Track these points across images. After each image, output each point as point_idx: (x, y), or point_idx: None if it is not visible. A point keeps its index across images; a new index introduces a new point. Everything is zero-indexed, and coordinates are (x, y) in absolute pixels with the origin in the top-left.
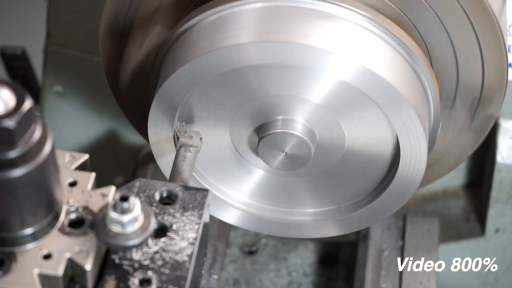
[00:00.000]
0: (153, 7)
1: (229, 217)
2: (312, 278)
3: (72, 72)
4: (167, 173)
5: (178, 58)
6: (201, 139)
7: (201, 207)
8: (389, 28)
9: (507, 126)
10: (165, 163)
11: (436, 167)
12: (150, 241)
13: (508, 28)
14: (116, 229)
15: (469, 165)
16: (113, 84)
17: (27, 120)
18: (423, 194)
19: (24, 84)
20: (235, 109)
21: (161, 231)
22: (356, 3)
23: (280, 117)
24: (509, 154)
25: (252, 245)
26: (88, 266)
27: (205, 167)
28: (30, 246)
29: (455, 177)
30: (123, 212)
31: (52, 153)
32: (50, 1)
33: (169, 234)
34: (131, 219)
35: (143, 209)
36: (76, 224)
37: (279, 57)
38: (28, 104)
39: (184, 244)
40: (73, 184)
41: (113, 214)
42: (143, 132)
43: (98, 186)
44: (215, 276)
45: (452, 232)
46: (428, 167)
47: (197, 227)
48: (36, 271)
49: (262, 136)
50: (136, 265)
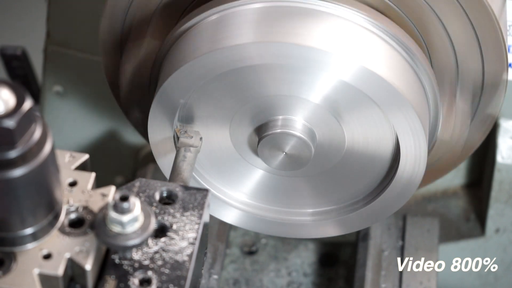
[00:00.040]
0: (146, 20)
1: (229, 217)
2: (312, 278)
3: (72, 72)
4: (167, 173)
5: (178, 58)
6: (201, 139)
7: (201, 207)
8: (389, 28)
9: (507, 126)
10: (165, 163)
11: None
12: (150, 241)
13: (508, 28)
14: (116, 229)
15: (469, 165)
16: (114, 84)
17: (27, 120)
18: (423, 194)
19: (24, 84)
20: (235, 109)
21: (161, 231)
22: (356, 3)
23: (280, 117)
24: (509, 154)
25: (252, 245)
26: (88, 266)
27: (205, 167)
28: (30, 246)
29: (455, 177)
30: (123, 212)
31: (52, 153)
32: (50, 1)
33: (169, 234)
34: (131, 219)
35: (143, 209)
36: (76, 224)
37: (279, 57)
38: (28, 104)
39: (184, 244)
40: (73, 184)
41: (113, 214)
42: (143, 132)
43: (98, 186)
44: (215, 276)
45: (452, 232)
46: (437, 159)
47: (197, 227)
48: (36, 271)
49: (262, 136)
50: (136, 265)
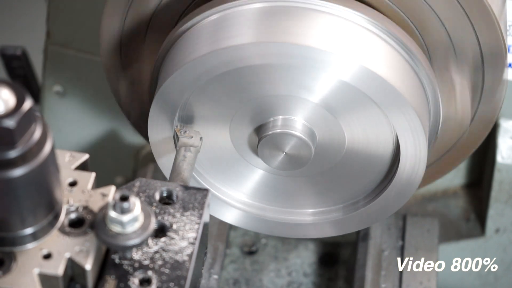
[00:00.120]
0: (146, 20)
1: (229, 217)
2: (312, 278)
3: (72, 72)
4: (167, 173)
5: (178, 58)
6: (201, 139)
7: (201, 207)
8: (389, 28)
9: (507, 126)
10: (165, 163)
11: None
12: (150, 241)
13: (508, 28)
14: (116, 229)
15: (469, 165)
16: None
17: (27, 120)
18: (423, 194)
19: (24, 84)
20: (235, 109)
21: (161, 231)
22: (356, 3)
23: (280, 117)
24: (509, 154)
25: (252, 245)
26: (88, 266)
27: (205, 167)
28: (30, 246)
29: (455, 177)
30: (123, 212)
31: (52, 153)
32: (50, 1)
33: (169, 234)
34: (131, 219)
35: (143, 209)
36: (76, 224)
37: (279, 57)
38: (28, 104)
39: (184, 244)
40: (73, 184)
41: (113, 214)
42: (143, 132)
43: (98, 186)
44: (215, 276)
45: (452, 232)
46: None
47: (197, 227)
48: (36, 271)
49: (262, 136)
50: (136, 265)
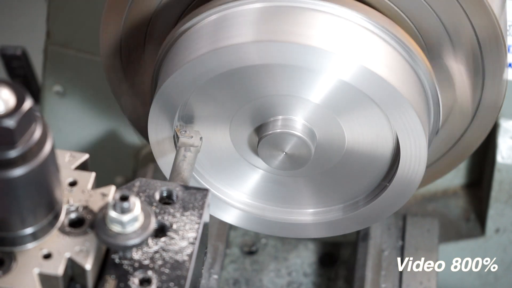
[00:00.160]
0: (146, 20)
1: (229, 217)
2: (312, 278)
3: (72, 72)
4: (167, 173)
5: (178, 58)
6: (201, 138)
7: (201, 206)
8: (389, 28)
9: (507, 126)
10: (165, 163)
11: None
12: (150, 241)
13: (508, 28)
14: (116, 228)
15: (469, 165)
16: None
17: (27, 120)
18: (423, 194)
19: (24, 84)
20: (235, 109)
21: (161, 231)
22: (356, 3)
23: (280, 117)
24: (509, 154)
25: (252, 245)
26: (88, 265)
27: (205, 167)
28: (30, 245)
29: (455, 177)
30: (123, 211)
31: (52, 153)
32: (50, 1)
33: (169, 233)
34: (131, 219)
35: (143, 209)
36: (76, 224)
37: (279, 57)
38: (28, 103)
39: (184, 243)
40: (73, 184)
41: (113, 214)
42: (143, 133)
43: (98, 186)
44: (215, 276)
45: (452, 232)
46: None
47: (197, 226)
48: (36, 270)
49: (262, 136)
50: (136, 264)
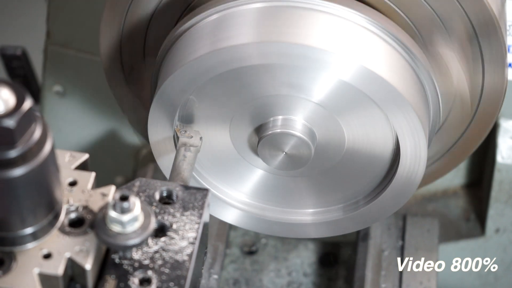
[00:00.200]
0: (146, 20)
1: (229, 217)
2: (312, 278)
3: (72, 72)
4: (167, 173)
5: (178, 58)
6: (201, 138)
7: (201, 206)
8: (389, 28)
9: (507, 126)
10: (165, 163)
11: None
12: (150, 241)
13: (508, 28)
14: (116, 228)
15: (469, 165)
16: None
17: (27, 120)
18: (423, 194)
19: (24, 84)
20: (235, 109)
21: (161, 231)
22: (356, 3)
23: (280, 117)
24: (509, 154)
25: (252, 245)
26: (88, 265)
27: (205, 167)
28: (30, 245)
29: (455, 177)
30: (123, 211)
31: (52, 153)
32: (50, 1)
33: (169, 233)
34: (131, 219)
35: (143, 209)
36: (76, 224)
37: (279, 56)
38: (28, 103)
39: (184, 243)
40: (73, 184)
41: (113, 214)
42: (143, 133)
43: (98, 186)
44: (215, 276)
45: (452, 232)
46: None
47: (197, 226)
48: (36, 270)
49: (262, 136)
50: (136, 264)
